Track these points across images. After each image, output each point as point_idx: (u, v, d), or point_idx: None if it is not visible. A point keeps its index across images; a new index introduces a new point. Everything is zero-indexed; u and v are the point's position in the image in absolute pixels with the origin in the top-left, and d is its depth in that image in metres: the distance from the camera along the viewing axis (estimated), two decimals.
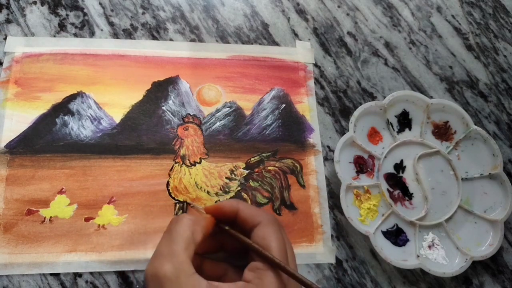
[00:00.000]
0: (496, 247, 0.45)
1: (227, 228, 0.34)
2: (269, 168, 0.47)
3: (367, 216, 0.46)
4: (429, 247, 0.45)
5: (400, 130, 0.50)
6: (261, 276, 0.30)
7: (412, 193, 0.48)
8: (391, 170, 0.48)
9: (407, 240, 0.45)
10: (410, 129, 0.50)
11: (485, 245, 0.46)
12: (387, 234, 0.45)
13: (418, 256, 0.44)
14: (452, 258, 0.45)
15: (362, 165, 0.48)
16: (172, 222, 0.33)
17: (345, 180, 0.45)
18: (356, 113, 0.48)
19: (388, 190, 0.47)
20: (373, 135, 0.49)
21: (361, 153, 0.48)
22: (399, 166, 0.49)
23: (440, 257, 0.45)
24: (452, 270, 0.44)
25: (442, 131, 0.50)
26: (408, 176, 0.48)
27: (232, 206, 0.34)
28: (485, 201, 0.48)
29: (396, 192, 0.47)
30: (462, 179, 0.48)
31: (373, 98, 0.52)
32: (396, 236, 0.45)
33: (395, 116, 0.50)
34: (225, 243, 0.36)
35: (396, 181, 0.48)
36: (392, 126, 0.50)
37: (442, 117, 0.50)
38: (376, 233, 0.45)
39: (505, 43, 0.58)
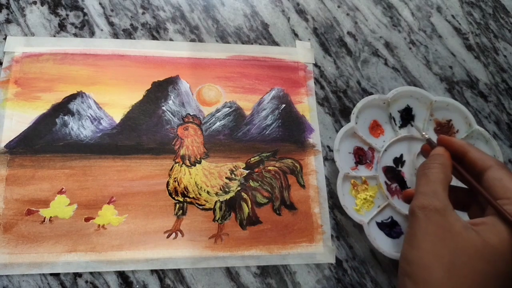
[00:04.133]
0: None
1: (460, 169, 0.36)
2: (269, 168, 0.47)
3: (363, 206, 0.46)
4: None
5: (402, 125, 0.50)
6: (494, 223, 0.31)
7: (410, 188, 0.48)
8: (390, 163, 0.49)
9: (401, 233, 0.46)
10: (412, 125, 0.50)
11: None
12: (382, 226, 0.46)
13: None
14: None
15: (361, 157, 0.48)
16: (425, 167, 0.35)
17: (343, 169, 0.46)
18: (359, 104, 0.48)
19: (386, 182, 0.48)
20: (375, 128, 0.49)
21: (361, 145, 0.48)
22: (399, 160, 0.49)
23: None
24: None
25: (445, 129, 0.50)
26: (407, 171, 0.48)
27: (463, 146, 0.36)
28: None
29: (393, 186, 0.48)
30: None
31: None
32: (391, 228, 0.46)
33: (398, 111, 0.50)
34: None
35: (394, 175, 0.48)
36: (395, 121, 0.50)
37: (445, 115, 0.50)
38: (371, 224, 0.45)
39: (505, 43, 0.58)
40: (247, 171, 0.47)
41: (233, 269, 0.43)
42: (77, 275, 0.40)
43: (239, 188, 0.46)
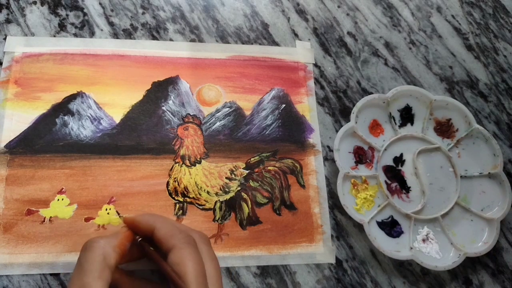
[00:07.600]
0: (491, 245, 0.45)
1: (143, 244, 0.31)
2: (269, 168, 0.47)
3: (363, 205, 0.46)
4: (423, 240, 0.46)
5: (402, 125, 0.50)
6: None
7: (409, 187, 0.48)
8: (390, 162, 0.49)
9: (402, 232, 0.46)
10: (412, 124, 0.50)
11: (480, 243, 0.46)
12: (382, 225, 0.46)
13: (412, 248, 0.44)
14: (446, 253, 0.45)
15: (361, 156, 0.48)
16: (82, 250, 0.30)
17: (343, 169, 0.46)
18: (359, 104, 0.48)
19: (386, 182, 0.48)
20: (375, 127, 0.50)
21: (361, 144, 0.48)
22: (399, 160, 0.49)
23: (433, 251, 0.45)
24: (444, 264, 0.44)
25: (444, 128, 0.50)
26: (407, 170, 0.49)
27: (148, 223, 0.32)
28: (483, 199, 0.48)
29: (393, 185, 0.48)
30: (461, 176, 0.48)
31: None
32: (391, 228, 0.46)
33: (398, 111, 0.50)
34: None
35: (394, 174, 0.48)
36: (394, 120, 0.50)
37: (445, 114, 0.50)
38: (371, 223, 0.45)
39: (505, 43, 0.58)
40: (247, 171, 0.47)
41: (233, 269, 0.43)
42: None
43: (239, 188, 0.46)
